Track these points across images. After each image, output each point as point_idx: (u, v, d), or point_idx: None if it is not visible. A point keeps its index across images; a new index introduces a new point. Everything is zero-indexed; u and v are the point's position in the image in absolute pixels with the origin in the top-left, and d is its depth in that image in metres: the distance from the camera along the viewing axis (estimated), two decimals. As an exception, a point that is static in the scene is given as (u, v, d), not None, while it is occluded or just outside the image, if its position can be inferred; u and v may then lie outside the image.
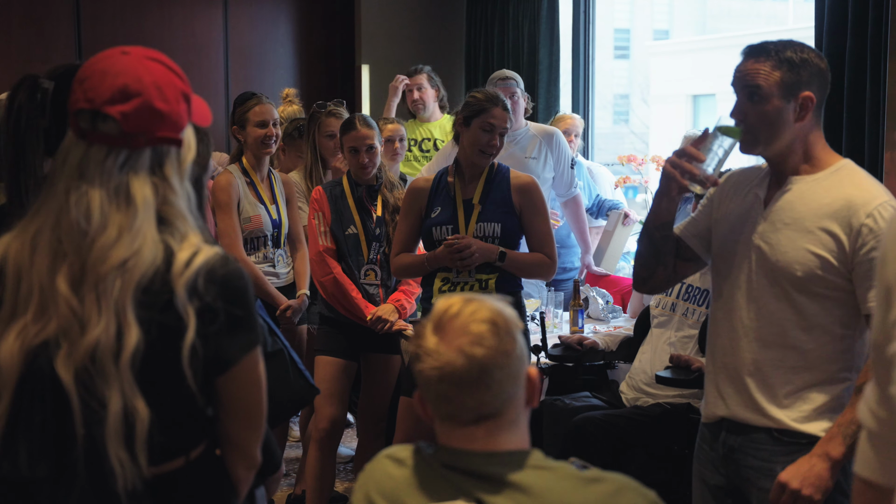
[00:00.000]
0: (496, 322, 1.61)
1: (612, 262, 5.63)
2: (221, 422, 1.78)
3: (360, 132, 4.15)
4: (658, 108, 17.52)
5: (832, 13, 4.79)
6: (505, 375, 1.60)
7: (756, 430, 2.47)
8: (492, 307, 1.63)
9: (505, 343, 1.60)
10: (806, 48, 2.42)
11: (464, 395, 1.60)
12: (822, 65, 2.42)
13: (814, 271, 2.37)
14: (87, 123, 1.70)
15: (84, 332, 1.65)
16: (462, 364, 1.58)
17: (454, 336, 1.59)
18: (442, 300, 1.66)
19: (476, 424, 1.62)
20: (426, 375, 1.62)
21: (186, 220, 1.74)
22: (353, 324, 4.20)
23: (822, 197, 2.38)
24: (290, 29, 8.28)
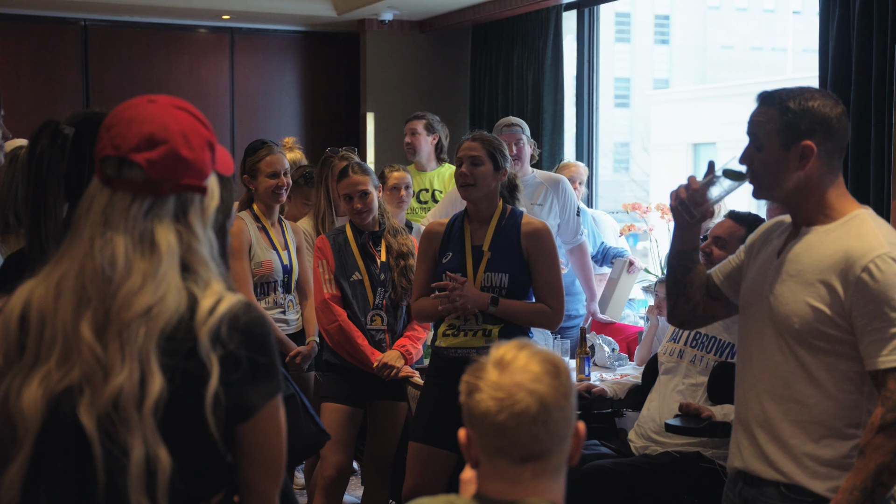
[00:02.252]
0: (557, 365, 1.66)
1: (616, 310, 5.63)
2: (241, 469, 1.77)
3: (353, 179, 4.19)
4: (658, 156, 17.63)
5: (836, 64, 4.84)
6: (562, 417, 1.63)
7: (767, 483, 2.46)
8: (548, 353, 1.67)
9: (564, 385, 1.64)
10: (816, 96, 2.41)
11: (520, 429, 1.61)
12: (831, 113, 2.40)
13: (812, 324, 2.36)
14: (113, 170, 1.71)
15: (107, 380, 1.64)
16: (524, 397, 1.61)
17: (515, 372, 1.63)
18: (496, 347, 1.69)
19: (523, 464, 1.63)
20: (483, 408, 1.63)
21: (209, 267, 1.75)
22: (359, 371, 4.20)
23: (827, 248, 2.37)
24: (295, 77, 8.36)
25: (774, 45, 21.06)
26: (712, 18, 22.07)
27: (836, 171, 2.43)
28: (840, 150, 2.43)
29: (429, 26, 7.98)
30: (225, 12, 7.64)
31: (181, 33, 8.02)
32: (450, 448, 3.74)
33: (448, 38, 8.09)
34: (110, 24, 7.80)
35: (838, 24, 4.82)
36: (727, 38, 21.59)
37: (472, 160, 3.71)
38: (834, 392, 2.37)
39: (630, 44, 21.40)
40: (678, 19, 22.22)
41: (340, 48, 8.33)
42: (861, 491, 2.26)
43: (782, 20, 21.26)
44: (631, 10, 21.00)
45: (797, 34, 19.88)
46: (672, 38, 22.04)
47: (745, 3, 21.86)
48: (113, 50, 7.79)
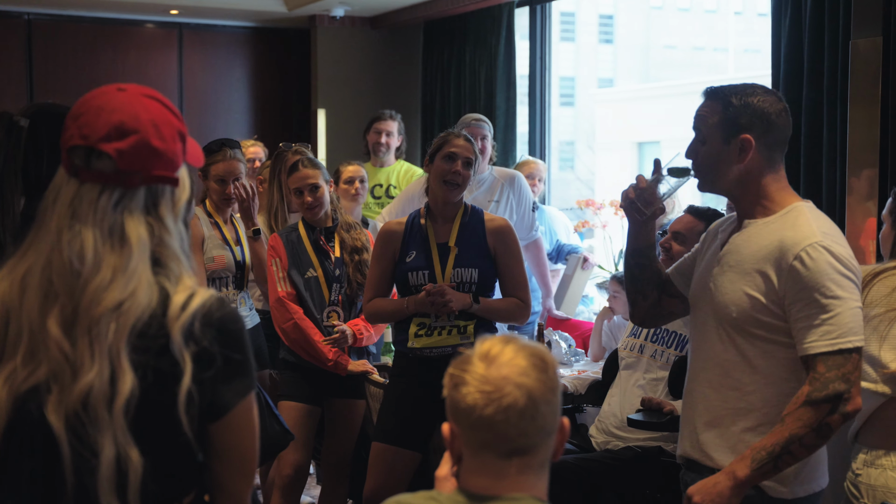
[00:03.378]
0: (544, 359, 1.64)
1: (571, 306, 5.65)
2: (213, 469, 1.73)
3: (302, 172, 4.16)
4: (604, 154, 17.74)
5: (788, 62, 4.88)
6: (549, 411, 1.62)
7: (706, 470, 2.53)
8: (535, 347, 1.66)
9: (551, 379, 1.63)
10: (758, 93, 2.49)
11: (508, 423, 1.59)
12: (770, 109, 2.47)
13: (748, 312, 2.44)
14: (81, 161, 1.66)
15: (76, 378, 1.60)
16: (511, 391, 1.59)
17: (502, 366, 1.61)
18: (481, 341, 1.67)
19: (509, 458, 1.61)
20: (470, 401, 1.61)
21: (181, 261, 1.71)
22: (316, 369, 4.15)
23: (764, 239, 2.45)
24: (245, 73, 8.28)
25: (716, 45, 21.31)
26: (655, 18, 22.28)
27: (777, 166, 2.51)
28: (780, 145, 2.51)
29: (380, 22, 7.94)
30: (173, 7, 7.54)
31: (128, 28, 7.90)
32: (415, 448, 3.71)
33: (400, 35, 8.06)
34: (55, 18, 7.65)
35: (790, 21, 4.86)
36: (670, 37, 21.80)
37: (467, 161, 3.68)
38: (772, 379, 2.45)
39: (575, 43, 21.52)
40: (622, 19, 22.39)
41: (291, 44, 8.26)
42: (769, 452, 2.36)
43: (724, 20, 21.52)
44: (575, 10, 21.12)
45: (739, 34, 20.14)
46: (616, 37, 22.20)
47: (688, 3, 22.09)
48: (58, 45, 7.65)
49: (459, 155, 3.65)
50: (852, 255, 2.41)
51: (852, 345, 2.33)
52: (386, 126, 6.12)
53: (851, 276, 2.37)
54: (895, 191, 2.89)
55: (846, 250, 2.39)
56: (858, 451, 2.75)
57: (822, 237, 2.38)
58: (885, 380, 2.69)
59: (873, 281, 2.74)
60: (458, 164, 3.64)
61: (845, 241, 2.43)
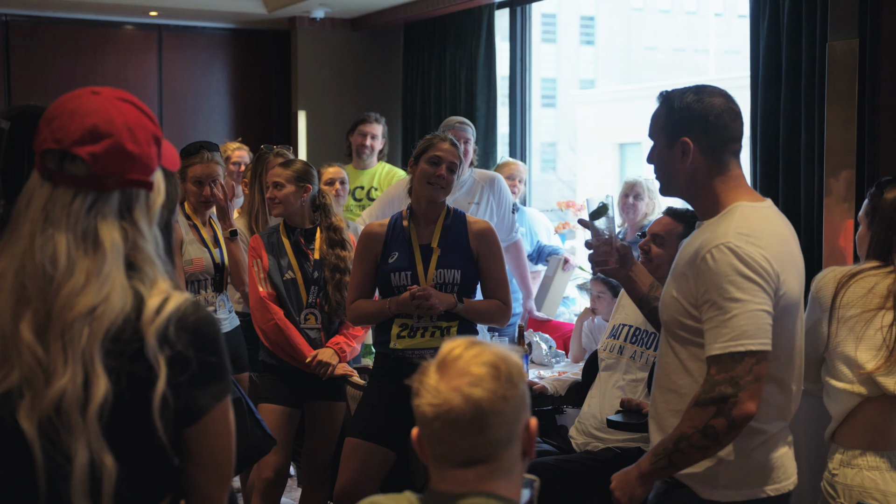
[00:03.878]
0: (498, 367, 1.59)
1: (552, 308, 5.65)
2: (189, 473, 1.72)
3: (273, 171, 4.22)
4: (585, 156, 17.78)
5: (766, 64, 4.90)
6: (500, 421, 1.57)
7: None
8: (496, 352, 1.61)
9: (505, 388, 1.58)
10: (700, 94, 2.47)
11: (457, 437, 1.57)
12: (710, 110, 2.45)
13: (674, 315, 2.46)
14: (55, 164, 1.65)
15: (49, 383, 1.59)
16: (458, 404, 1.56)
17: (455, 375, 1.58)
18: (448, 342, 1.64)
19: (466, 468, 1.59)
20: (422, 412, 1.59)
21: (156, 265, 1.70)
22: (296, 371, 4.15)
23: (696, 241, 2.45)
24: (225, 75, 8.25)
25: (697, 47, 21.38)
26: (636, 20, 22.34)
27: (723, 167, 2.47)
28: (723, 146, 2.46)
29: (361, 24, 7.93)
30: (152, 8, 7.51)
31: (107, 30, 7.86)
32: (390, 446, 3.71)
33: (380, 37, 8.05)
34: (33, 19, 7.61)
35: (769, 23, 4.88)
36: (651, 39, 21.87)
37: (451, 166, 3.68)
38: (701, 381, 2.43)
39: (556, 44, 21.56)
40: (603, 20, 22.44)
41: (271, 46, 8.24)
42: (664, 449, 2.38)
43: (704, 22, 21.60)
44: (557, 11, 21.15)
45: (719, 36, 20.22)
46: (597, 38, 22.25)
47: (669, 4, 22.16)
48: (36, 46, 7.60)
49: (444, 159, 3.66)
50: (774, 256, 2.33)
51: (745, 348, 2.27)
52: (371, 129, 6.13)
53: (756, 279, 2.30)
54: (871, 192, 2.91)
55: (761, 251, 2.32)
56: (835, 451, 2.77)
57: (734, 237, 2.33)
58: (861, 380, 2.71)
59: (849, 282, 2.76)
60: (442, 167, 3.66)
61: (770, 243, 2.35)
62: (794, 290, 2.39)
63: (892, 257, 2.77)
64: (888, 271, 2.76)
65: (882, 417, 2.71)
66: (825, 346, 2.79)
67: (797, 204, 4.79)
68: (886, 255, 2.78)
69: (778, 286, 2.33)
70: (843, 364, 2.74)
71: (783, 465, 2.48)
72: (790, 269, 2.38)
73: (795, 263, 2.42)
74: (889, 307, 2.71)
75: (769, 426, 2.43)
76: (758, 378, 2.27)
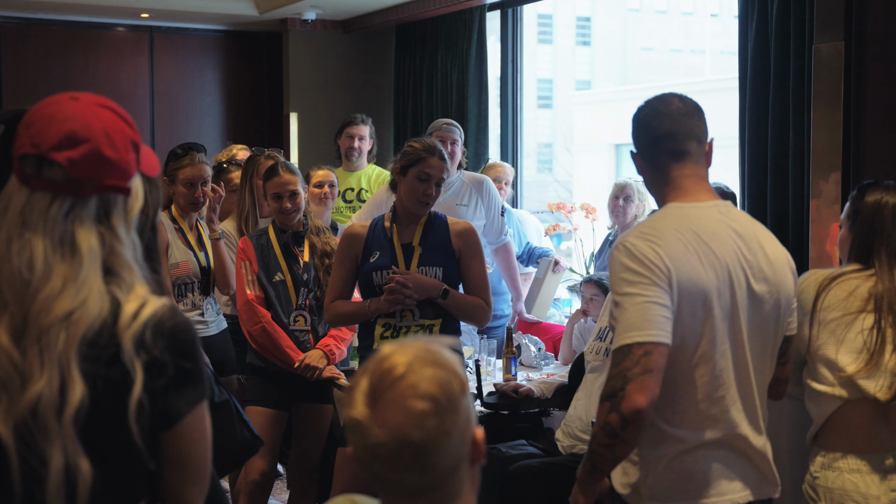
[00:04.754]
0: (438, 398, 1.44)
1: (542, 310, 5.65)
2: (165, 477, 1.73)
3: (283, 178, 4.17)
4: (581, 156, 17.78)
5: (754, 66, 4.91)
6: (443, 457, 1.45)
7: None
8: (435, 376, 1.45)
9: (445, 423, 1.44)
10: (647, 102, 2.47)
11: (398, 476, 1.46)
12: (639, 115, 2.46)
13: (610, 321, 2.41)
14: (32, 169, 1.66)
15: (25, 387, 1.59)
16: (395, 448, 1.43)
17: (390, 413, 1.43)
18: (380, 355, 1.49)
19: (413, 499, 1.49)
20: (357, 454, 1.47)
21: (133, 270, 1.70)
22: (284, 373, 4.16)
23: None
24: (217, 77, 8.26)
25: (693, 48, 21.40)
26: (633, 21, 22.35)
27: (662, 170, 2.44)
28: (655, 150, 2.44)
29: (352, 26, 7.94)
30: (144, 10, 7.51)
31: (99, 32, 7.87)
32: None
33: (372, 38, 8.06)
34: (24, 21, 7.61)
35: (757, 25, 4.89)
36: (647, 40, 21.88)
37: (440, 181, 3.70)
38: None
39: (552, 45, 21.57)
40: (599, 21, 22.45)
41: (263, 48, 8.25)
42: (587, 452, 2.32)
43: (700, 23, 21.61)
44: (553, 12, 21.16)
45: (715, 36, 20.23)
46: (593, 39, 22.26)
47: (665, 5, 22.18)
48: (27, 48, 7.61)
49: (434, 176, 3.67)
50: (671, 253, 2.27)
51: (631, 340, 2.20)
52: (358, 131, 6.14)
53: (644, 272, 2.25)
54: (853, 195, 2.91)
55: (654, 247, 2.27)
56: (816, 454, 2.78)
57: (632, 236, 2.32)
58: (841, 383, 2.72)
59: (830, 285, 2.76)
60: (431, 186, 3.67)
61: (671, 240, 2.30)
62: (702, 289, 2.29)
63: (874, 260, 2.78)
64: (869, 274, 2.77)
65: (863, 420, 2.72)
66: (806, 349, 2.80)
67: (785, 206, 4.81)
68: (867, 258, 2.79)
69: (672, 281, 2.25)
70: (825, 367, 2.75)
71: (714, 480, 2.36)
72: (697, 267, 2.29)
73: (711, 263, 2.31)
74: (870, 310, 2.72)
75: (688, 434, 2.33)
76: (647, 370, 2.18)
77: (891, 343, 2.69)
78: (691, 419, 2.33)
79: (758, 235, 2.42)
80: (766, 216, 4.88)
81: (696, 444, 2.34)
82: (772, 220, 4.85)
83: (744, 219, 2.45)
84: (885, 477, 2.69)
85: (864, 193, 2.85)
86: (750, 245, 2.38)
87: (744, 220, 2.45)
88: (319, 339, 4.20)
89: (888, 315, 2.70)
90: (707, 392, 2.33)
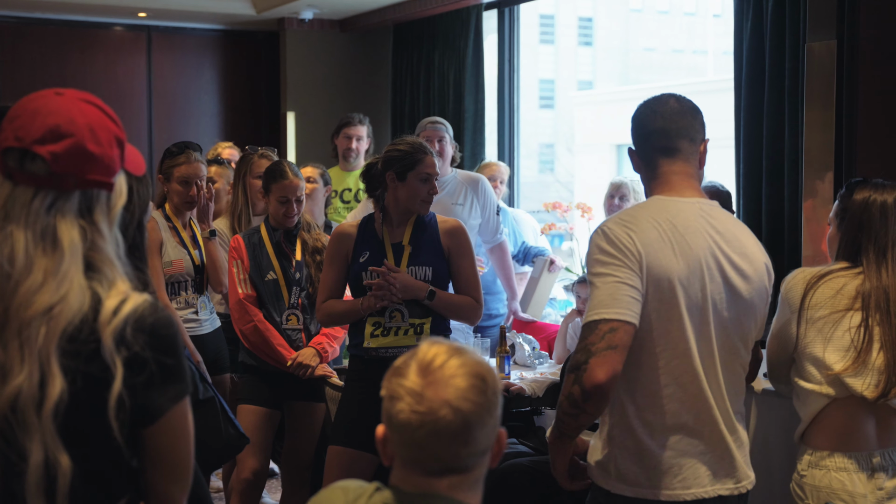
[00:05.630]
0: (485, 378, 1.57)
1: (538, 309, 5.65)
2: (147, 474, 1.73)
3: (294, 182, 4.18)
4: (583, 157, 17.78)
5: (750, 65, 4.91)
6: (484, 433, 1.57)
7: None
8: (479, 362, 1.59)
9: (490, 401, 1.57)
10: (644, 103, 2.55)
11: (439, 446, 1.55)
12: (635, 115, 2.55)
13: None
14: (15, 162, 1.66)
15: (5, 381, 1.60)
16: (446, 415, 1.53)
17: (442, 385, 1.55)
18: (426, 345, 1.61)
19: (440, 477, 1.58)
20: (403, 418, 1.56)
21: (115, 266, 1.70)
22: (276, 371, 4.16)
23: None
24: (214, 76, 8.26)
25: (695, 48, 21.41)
26: (635, 21, 22.36)
27: (654, 167, 2.53)
28: (647, 146, 2.53)
29: (349, 25, 7.95)
30: (141, 9, 7.52)
31: (96, 31, 7.87)
32: (373, 451, 3.70)
33: (369, 38, 8.07)
34: (21, 20, 7.62)
35: (752, 25, 4.89)
36: (649, 40, 21.89)
37: (435, 178, 3.69)
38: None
39: (554, 45, 21.58)
40: (601, 21, 22.47)
41: (260, 47, 8.26)
42: (556, 415, 2.40)
43: (702, 23, 21.62)
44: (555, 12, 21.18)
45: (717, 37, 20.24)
46: (595, 40, 22.28)
47: (667, 5, 22.19)
48: (24, 47, 7.61)
49: (433, 175, 3.67)
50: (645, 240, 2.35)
51: (599, 316, 2.28)
52: (356, 131, 6.14)
53: (616, 254, 2.34)
54: (841, 193, 2.91)
55: (629, 232, 2.36)
56: (804, 453, 2.78)
57: (611, 221, 2.41)
58: (829, 381, 2.71)
59: (818, 283, 2.76)
60: (433, 184, 3.67)
61: (646, 227, 2.37)
62: (672, 277, 2.35)
63: (861, 258, 2.78)
64: (857, 272, 2.76)
65: (850, 419, 2.72)
66: (794, 347, 2.80)
67: (780, 205, 4.80)
68: (855, 256, 2.79)
69: (643, 265, 2.33)
70: (812, 365, 2.75)
71: (680, 470, 2.41)
72: (670, 257, 2.36)
73: (684, 254, 2.37)
74: (857, 308, 2.72)
75: (654, 419, 2.39)
76: (611, 346, 2.26)
77: (878, 341, 2.69)
78: (657, 404, 2.39)
79: (739, 235, 2.48)
80: (761, 215, 4.88)
81: (662, 429, 2.40)
82: (767, 220, 4.85)
83: (726, 218, 2.51)
84: (871, 475, 2.69)
85: (852, 191, 2.85)
86: (730, 242, 2.44)
87: (726, 219, 2.50)
88: (312, 337, 4.20)
89: (875, 313, 2.70)
90: (673, 378, 2.39)
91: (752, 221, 4.91)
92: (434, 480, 1.57)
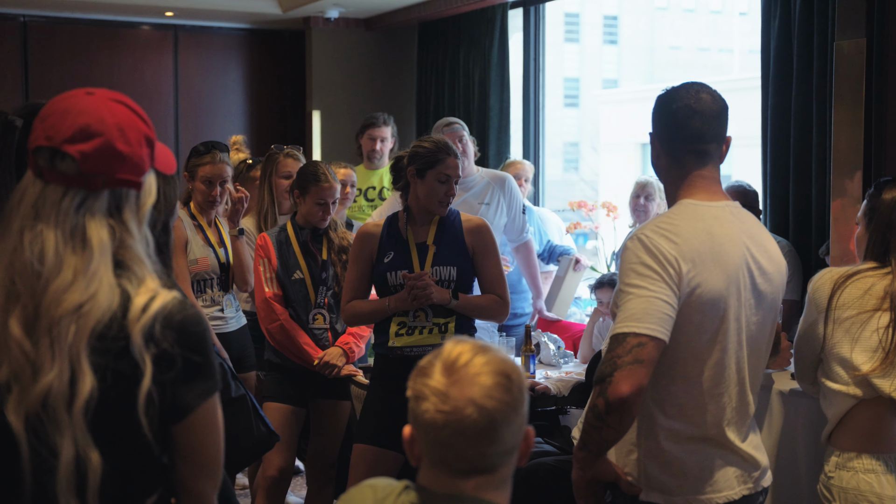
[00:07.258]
0: (510, 376, 1.56)
1: (563, 308, 5.64)
2: (178, 470, 1.74)
3: (333, 186, 4.18)
4: (608, 155, 17.74)
5: (777, 63, 4.89)
6: (510, 432, 1.56)
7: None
8: (505, 360, 1.58)
9: (516, 399, 1.56)
10: (672, 91, 2.48)
11: (465, 445, 1.54)
12: (665, 107, 2.47)
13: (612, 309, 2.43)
14: (46, 162, 1.68)
15: (36, 378, 1.61)
16: (471, 413, 1.53)
17: (466, 384, 1.54)
18: (451, 344, 1.60)
19: (466, 477, 1.57)
20: (429, 417, 1.56)
21: (144, 264, 1.71)
22: (301, 370, 4.16)
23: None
24: (240, 75, 8.29)
25: (721, 46, 21.33)
26: (660, 19, 22.30)
27: (682, 166, 2.46)
28: (680, 144, 2.46)
29: (375, 24, 7.96)
30: (168, 9, 7.56)
31: (123, 30, 7.92)
32: (398, 449, 3.71)
33: (394, 36, 8.07)
34: (50, 20, 7.68)
35: (779, 23, 4.87)
36: (675, 38, 21.83)
37: (457, 180, 3.69)
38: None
39: (579, 44, 21.55)
40: (626, 20, 22.42)
41: (286, 46, 8.29)
42: (582, 427, 2.35)
43: (728, 21, 21.54)
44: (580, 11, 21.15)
45: (743, 35, 20.16)
46: (620, 38, 22.23)
47: (693, 4, 22.12)
48: (53, 47, 7.67)
49: (453, 177, 3.67)
50: (685, 253, 2.31)
51: (628, 329, 2.24)
52: (380, 132, 6.15)
53: (656, 268, 2.29)
54: (870, 193, 2.89)
55: (671, 244, 2.32)
56: (831, 454, 2.76)
57: (649, 229, 2.35)
58: (856, 382, 2.70)
59: (846, 283, 2.74)
60: (451, 186, 3.67)
61: (687, 239, 2.34)
62: (715, 290, 2.33)
63: (890, 258, 2.75)
64: (885, 272, 2.74)
65: (878, 420, 2.70)
66: (821, 347, 2.78)
67: (808, 204, 4.78)
68: (884, 256, 2.77)
69: (683, 281, 2.30)
70: (839, 366, 2.73)
71: (709, 474, 2.41)
72: (711, 269, 2.33)
73: (723, 265, 2.35)
74: (886, 308, 2.70)
75: (682, 427, 2.38)
76: (637, 360, 2.21)
77: None
78: (687, 413, 2.38)
79: (762, 237, 2.48)
80: (788, 215, 4.85)
81: (689, 436, 2.39)
82: (794, 219, 4.83)
83: (751, 220, 2.50)
84: (900, 477, 2.67)
85: (881, 191, 2.83)
86: (758, 245, 2.44)
87: (751, 221, 2.49)
88: (338, 336, 4.21)
89: None
90: (707, 388, 2.38)
91: (779, 221, 4.89)
92: (461, 481, 1.57)
